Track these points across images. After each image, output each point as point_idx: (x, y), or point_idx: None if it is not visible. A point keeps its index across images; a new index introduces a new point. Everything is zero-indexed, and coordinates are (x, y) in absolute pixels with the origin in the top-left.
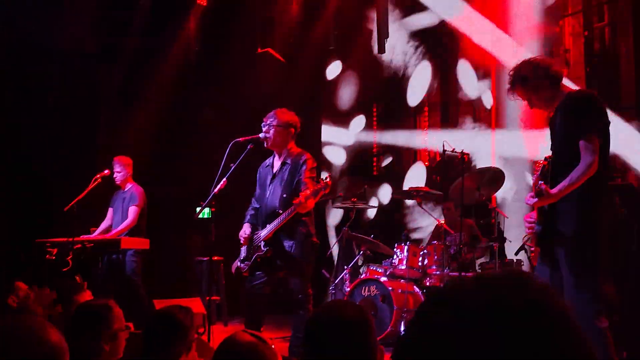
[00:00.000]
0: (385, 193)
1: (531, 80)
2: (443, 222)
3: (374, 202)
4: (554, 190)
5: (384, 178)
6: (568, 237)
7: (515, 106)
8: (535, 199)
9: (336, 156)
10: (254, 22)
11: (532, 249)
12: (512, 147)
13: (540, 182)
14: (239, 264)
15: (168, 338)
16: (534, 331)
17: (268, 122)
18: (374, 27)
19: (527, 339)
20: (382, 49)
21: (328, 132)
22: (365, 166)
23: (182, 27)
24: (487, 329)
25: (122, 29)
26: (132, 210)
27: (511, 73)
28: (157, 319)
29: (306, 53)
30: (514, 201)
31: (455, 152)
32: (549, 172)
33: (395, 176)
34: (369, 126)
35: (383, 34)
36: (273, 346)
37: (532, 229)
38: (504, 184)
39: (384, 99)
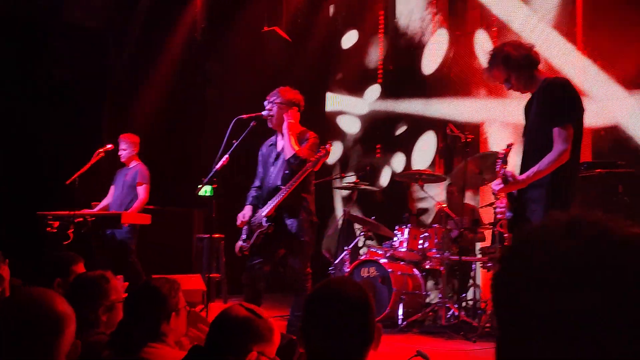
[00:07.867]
0: (398, 162)
1: (513, 59)
2: (445, 205)
3: (387, 170)
4: (522, 177)
5: (398, 147)
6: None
7: None
8: (501, 185)
9: (351, 125)
10: (262, 0)
11: (506, 235)
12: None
13: (504, 168)
14: (241, 243)
15: (144, 306)
16: None
17: (271, 99)
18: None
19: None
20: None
21: (342, 101)
22: (379, 135)
23: (188, 4)
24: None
25: (130, 5)
26: (143, 189)
27: (492, 52)
28: (136, 289)
29: (315, 29)
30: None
31: (459, 134)
32: (523, 157)
33: (408, 145)
34: (383, 95)
35: (390, 15)
36: (269, 320)
37: (503, 214)
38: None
39: (399, 67)
